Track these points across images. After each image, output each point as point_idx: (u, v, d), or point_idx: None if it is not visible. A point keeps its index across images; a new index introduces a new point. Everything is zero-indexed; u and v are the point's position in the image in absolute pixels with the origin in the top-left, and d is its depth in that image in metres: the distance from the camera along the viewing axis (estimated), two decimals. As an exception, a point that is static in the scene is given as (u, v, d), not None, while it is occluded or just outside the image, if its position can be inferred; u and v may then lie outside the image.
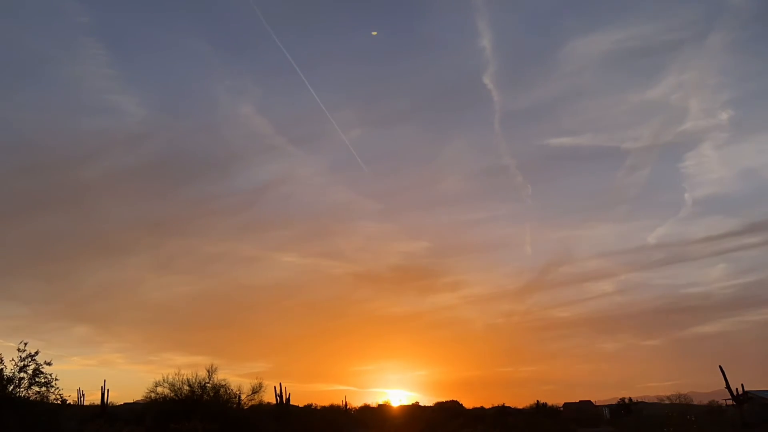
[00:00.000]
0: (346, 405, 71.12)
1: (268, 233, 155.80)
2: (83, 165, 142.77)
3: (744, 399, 41.71)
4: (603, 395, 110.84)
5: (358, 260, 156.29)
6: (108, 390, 41.65)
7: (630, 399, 70.36)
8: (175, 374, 33.34)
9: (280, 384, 43.54)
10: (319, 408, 67.60)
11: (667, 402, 43.50)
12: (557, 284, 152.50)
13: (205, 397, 32.88)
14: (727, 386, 40.02)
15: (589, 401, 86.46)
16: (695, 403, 46.07)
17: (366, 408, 73.92)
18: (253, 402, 36.93)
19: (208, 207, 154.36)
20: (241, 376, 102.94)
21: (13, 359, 21.47)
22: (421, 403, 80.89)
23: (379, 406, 73.94)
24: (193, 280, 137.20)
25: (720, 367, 40.39)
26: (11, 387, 21.18)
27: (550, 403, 77.10)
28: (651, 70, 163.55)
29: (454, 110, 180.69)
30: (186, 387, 32.95)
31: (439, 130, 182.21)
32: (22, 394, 21.29)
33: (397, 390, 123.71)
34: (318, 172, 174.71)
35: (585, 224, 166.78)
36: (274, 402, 42.85)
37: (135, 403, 46.55)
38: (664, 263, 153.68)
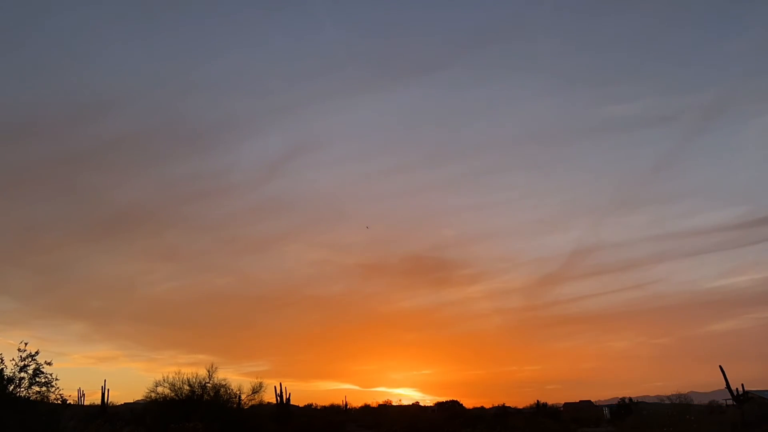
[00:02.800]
0: (346, 405, 71.25)
1: (275, 219, 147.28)
2: (70, 132, 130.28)
3: (744, 399, 41.70)
4: (606, 395, 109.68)
5: (372, 249, 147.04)
6: (108, 390, 41.80)
7: (630, 399, 70.31)
8: (176, 374, 33.45)
9: (281, 384, 43.71)
10: (319, 408, 67.74)
11: (667, 402, 43.41)
12: (580, 276, 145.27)
13: (206, 397, 32.88)
14: (728, 386, 40.01)
15: (589, 401, 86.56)
16: (695, 403, 45.96)
17: (366, 408, 73.95)
18: (253, 402, 36.95)
19: (209, 186, 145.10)
20: (242, 375, 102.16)
21: (13, 359, 21.48)
22: (424, 403, 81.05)
23: (380, 406, 73.96)
24: (192, 272, 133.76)
25: (720, 366, 40.40)
26: (11, 387, 21.15)
27: (550, 402, 77.21)
28: (739, 9, 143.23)
29: (490, 63, 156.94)
30: (186, 387, 32.98)
31: (469, 89, 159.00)
32: (22, 394, 21.27)
33: (401, 389, 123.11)
34: (333, 139, 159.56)
35: (625, 206, 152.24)
36: (274, 402, 42.85)
37: (135, 403, 46.58)
38: (697, 253, 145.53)
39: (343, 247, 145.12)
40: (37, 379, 21.44)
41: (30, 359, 21.50)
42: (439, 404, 79.17)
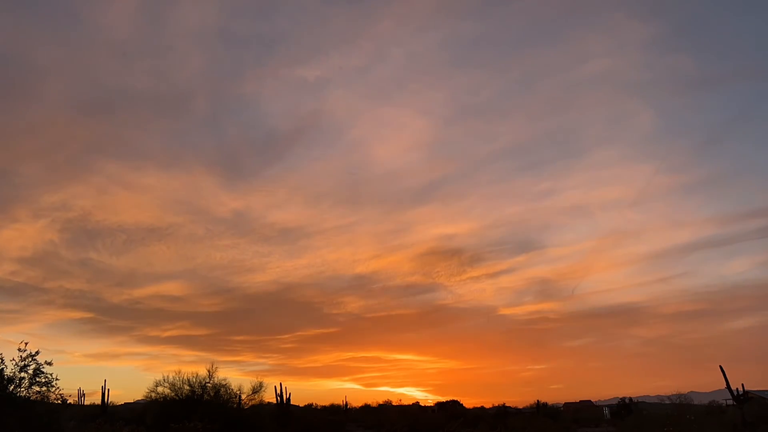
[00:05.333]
0: (346, 405, 71.34)
1: (276, 207, 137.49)
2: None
3: (744, 399, 41.67)
4: (607, 394, 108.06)
5: (380, 239, 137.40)
6: (108, 390, 41.91)
7: (630, 399, 70.40)
8: (176, 373, 33.52)
9: (281, 384, 43.72)
10: (319, 408, 67.81)
11: (667, 402, 43.48)
12: (604, 267, 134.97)
13: (206, 396, 32.93)
14: (728, 386, 39.99)
15: (590, 401, 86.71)
16: (695, 403, 46.00)
17: (366, 408, 74.02)
18: (253, 402, 36.99)
19: (205, 165, 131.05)
20: (244, 374, 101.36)
21: (13, 359, 21.54)
22: (424, 403, 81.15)
23: (380, 406, 73.96)
24: (189, 264, 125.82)
25: (720, 366, 40.41)
26: (12, 387, 21.19)
27: (551, 402, 77.34)
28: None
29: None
30: (186, 387, 33.03)
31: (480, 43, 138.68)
32: (22, 394, 21.31)
33: (404, 389, 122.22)
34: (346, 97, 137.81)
35: (670, 184, 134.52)
36: (274, 401, 42.90)
37: (135, 403, 46.67)
38: (733, 241, 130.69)
39: (348, 238, 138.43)
40: (38, 379, 21.50)
41: (30, 359, 21.56)
42: (439, 404, 79.31)
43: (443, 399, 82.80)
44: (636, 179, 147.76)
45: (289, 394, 44.12)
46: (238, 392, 35.34)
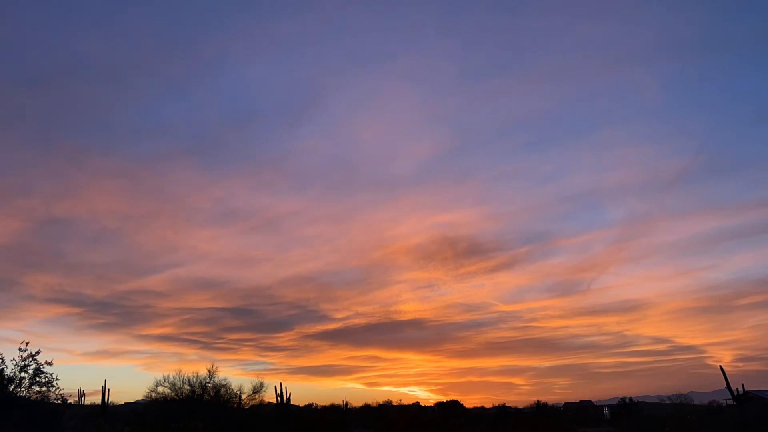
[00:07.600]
0: (346, 404, 71.24)
1: (274, 196, 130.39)
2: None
3: (744, 399, 41.71)
4: (606, 394, 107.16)
5: (386, 230, 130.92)
6: (109, 390, 41.89)
7: (630, 399, 70.43)
8: (176, 373, 33.51)
9: (281, 384, 43.70)
10: (319, 408, 67.82)
11: (667, 402, 43.50)
12: (625, 260, 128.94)
13: (206, 396, 32.90)
14: (728, 386, 40.03)
15: (590, 401, 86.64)
16: (695, 403, 46.04)
17: (366, 408, 73.99)
18: (253, 402, 36.95)
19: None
20: (245, 374, 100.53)
21: (14, 359, 21.55)
22: (425, 403, 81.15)
23: (380, 405, 73.95)
24: (172, 257, 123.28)
25: (720, 366, 40.48)
26: (12, 387, 21.20)
27: (552, 402, 77.42)
28: None
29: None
30: (187, 387, 33.01)
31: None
32: (23, 394, 21.32)
33: (406, 388, 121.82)
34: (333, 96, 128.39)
35: (709, 168, 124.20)
36: (274, 401, 42.89)
37: (136, 403, 46.66)
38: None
39: (342, 228, 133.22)
40: (38, 379, 21.51)
41: (30, 359, 21.57)
42: (439, 404, 79.28)
43: (444, 399, 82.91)
44: (644, 163, 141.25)
45: (290, 394, 44.12)
46: (238, 392, 35.32)
